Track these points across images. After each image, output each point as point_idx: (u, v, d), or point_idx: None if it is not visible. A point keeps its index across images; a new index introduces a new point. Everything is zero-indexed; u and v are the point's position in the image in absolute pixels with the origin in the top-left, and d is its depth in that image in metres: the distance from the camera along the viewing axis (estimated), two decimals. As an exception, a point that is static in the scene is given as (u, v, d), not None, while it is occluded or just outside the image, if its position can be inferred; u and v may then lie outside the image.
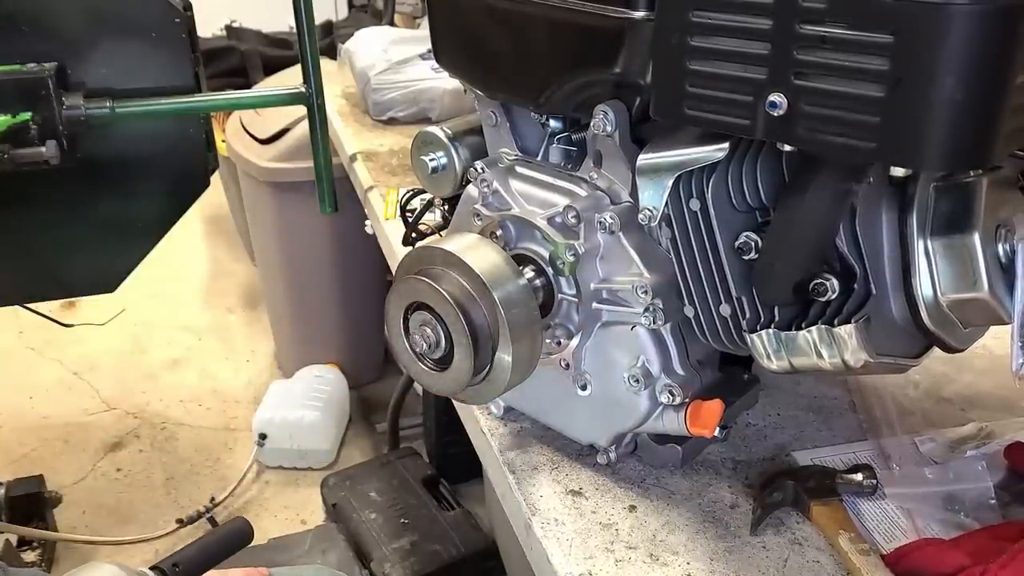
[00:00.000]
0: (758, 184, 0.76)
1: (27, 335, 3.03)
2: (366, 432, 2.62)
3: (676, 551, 0.82)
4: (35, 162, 1.41)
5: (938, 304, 0.73)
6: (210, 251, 3.64)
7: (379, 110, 1.97)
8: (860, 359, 0.72)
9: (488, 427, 0.98)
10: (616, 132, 0.80)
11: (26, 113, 1.40)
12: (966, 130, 0.59)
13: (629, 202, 0.83)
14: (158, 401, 2.77)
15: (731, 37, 0.65)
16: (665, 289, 0.82)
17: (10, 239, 1.62)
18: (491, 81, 0.91)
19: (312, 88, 1.60)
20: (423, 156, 1.00)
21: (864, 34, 0.59)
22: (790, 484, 0.87)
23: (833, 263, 0.75)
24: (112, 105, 1.47)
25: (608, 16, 0.74)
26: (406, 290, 0.81)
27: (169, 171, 1.65)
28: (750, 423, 1.01)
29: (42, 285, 1.74)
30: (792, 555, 0.82)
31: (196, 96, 1.56)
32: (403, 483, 2.16)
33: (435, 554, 1.93)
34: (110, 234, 1.65)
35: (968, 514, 0.85)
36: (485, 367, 0.80)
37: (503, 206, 0.90)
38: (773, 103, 0.64)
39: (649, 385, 0.84)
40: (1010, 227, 0.71)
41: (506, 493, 0.92)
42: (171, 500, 2.37)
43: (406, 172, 1.68)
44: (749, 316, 0.78)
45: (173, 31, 1.51)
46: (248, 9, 3.41)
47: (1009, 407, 1.02)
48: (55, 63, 1.43)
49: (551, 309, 0.87)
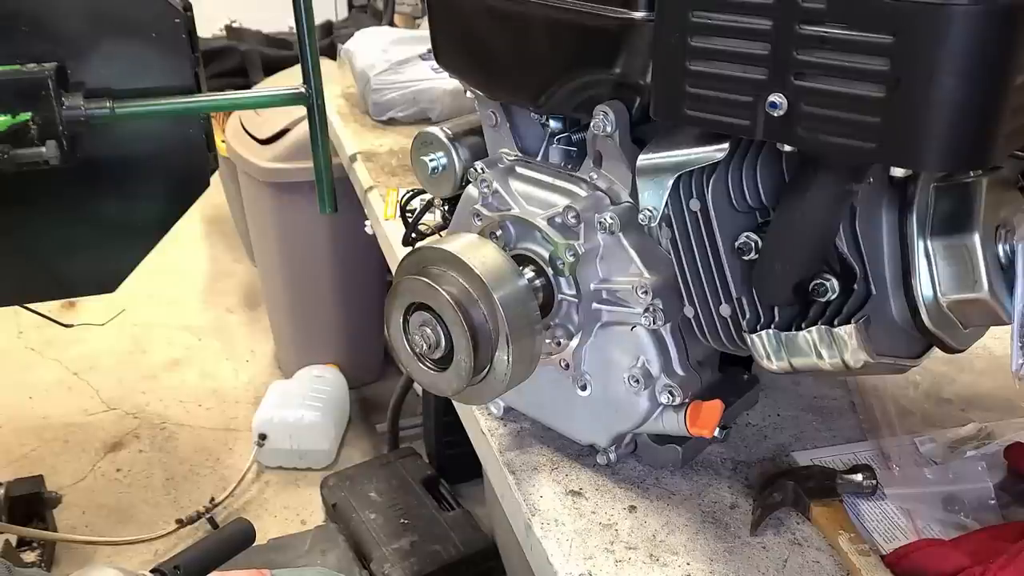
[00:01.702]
0: (758, 184, 0.76)
1: (27, 335, 3.04)
2: (366, 432, 2.62)
3: (676, 551, 0.82)
4: (35, 162, 1.41)
5: (938, 305, 0.73)
6: (210, 251, 3.64)
7: (379, 110, 1.97)
8: (860, 359, 0.72)
9: (488, 427, 0.98)
10: (616, 132, 0.80)
11: (26, 113, 1.40)
12: (966, 131, 0.59)
13: (629, 202, 0.83)
14: (158, 401, 2.77)
15: (731, 37, 0.65)
16: (665, 289, 0.82)
17: (10, 239, 1.62)
18: (491, 81, 0.91)
19: (312, 88, 1.60)
20: (423, 156, 1.00)
21: (864, 34, 0.59)
22: (790, 484, 0.87)
23: (833, 263, 0.75)
24: (112, 105, 1.47)
25: (608, 16, 0.74)
26: (406, 290, 0.81)
27: (169, 171, 1.65)
28: (750, 423, 1.01)
29: (42, 285, 1.73)
30: (792, 555, 0.82)
31: (196, 96, 1.56)
32: (403, 483, 2.16)
33: (435, 554, 1.93)
34: (110, 234, 1.65)
35: (968, 515, 0.85)
36: (485, 367, 0.80)
37: (503, 206, 0.90)
38: (773, 103, 0.64)
39: (649, 385, 0.84)
40: (1010, 227, 0.71)
41: (506, 493, 0.92)
42: (171, 500, 2.37)
43: (406, 172, 1.68)
44: (749, 316, 0.78)
45: (173, 31, 1.51)
46: (248, 9, 3.41)
47: (1009, 407, 1.02)
48: (55, 63, 1.43)
49: (551, 309, 0.87)
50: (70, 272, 1.71)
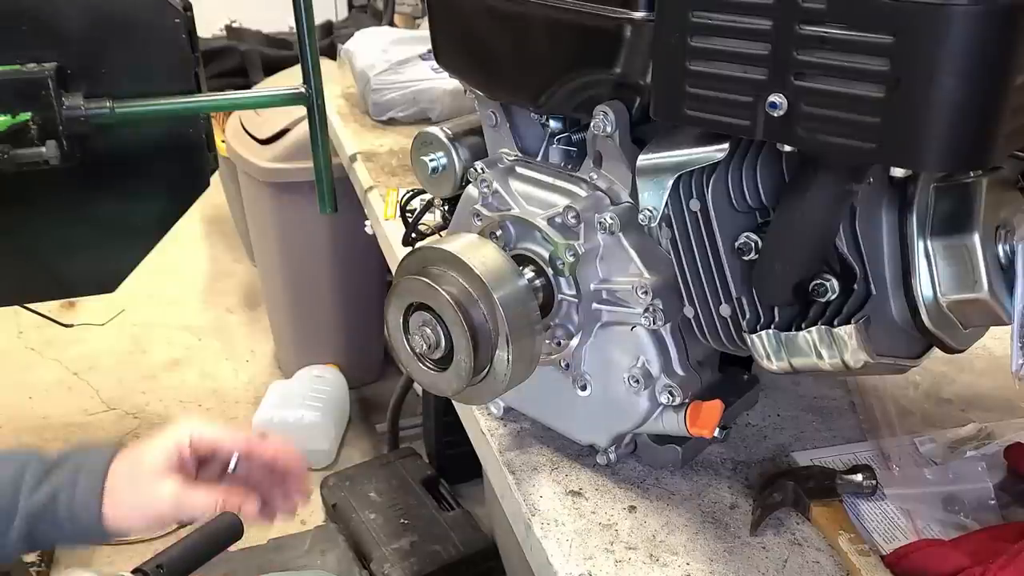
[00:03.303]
0: (758, 184, 0.76)
1: (27, 335, 3.03)
2: (366, 432, 2.62)
3: (676, 552, 0.82)
4: (35, 162, 1.41)
5: (938, 305, 0.73)
6: (210, 251, 3.64)
7: (379, 110, 1.97)
8: (860, 360, 0.72)
9: (488, 427, 0.98)
10: (616, 132, 0.80)
11: (26, 113, 1.40)
12: (966, 131, 0.59)
13: (629, 202, 0.83)
14: (158, 401, 2.77)
15: (731, 38, 0.65)
16: (665, 289, 0.82)
17: (10, 239, 1.62)
18: (491, 81, 0.91)
19: (312, 88, 1.60)
20: (423, 156, 1.00)
21: (864, 35, 0.58)
22: (790, 485, 0.87)
23: (833, 264, 0.75)
24: (112, 105, 1.47)
25: (608, 16, 0.74)
26: (406, 290, 0.81)
27: (169, 171, 1.65)
28: (750, 423, 1.01)
29: (42, 285, 1.74)
30: (792, 556, 0.82)
31: (196, 96, 1.56)
32: (403, 483, 2.16)
33: (435, 554, 1.93)
34: (110, 234, 1.65)
35: (968, 515, 0.85)
36: (485, 367, 0.80)
37: (503, 206, 0.90)
38: (773, 104, 0.64)
39: (649, 385, 0.84)
40: (1010, 228, 0.71)
41: (506, 493, 0.92)
42: (171, 500, 2.36)
43: (406, 172, 1.68)
44: (749, 316, 0.78)
45: (173, 31, 1.51)
46: (248, 9, 3.41)
47: (1009, 407, 1.02)
48: (55, 63, 1.43)
49: (551, 309, 0.87)
50: (70, 272, 1.71)
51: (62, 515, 0.87)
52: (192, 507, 0.87)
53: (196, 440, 0.91)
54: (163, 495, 0.86)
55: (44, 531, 0.86)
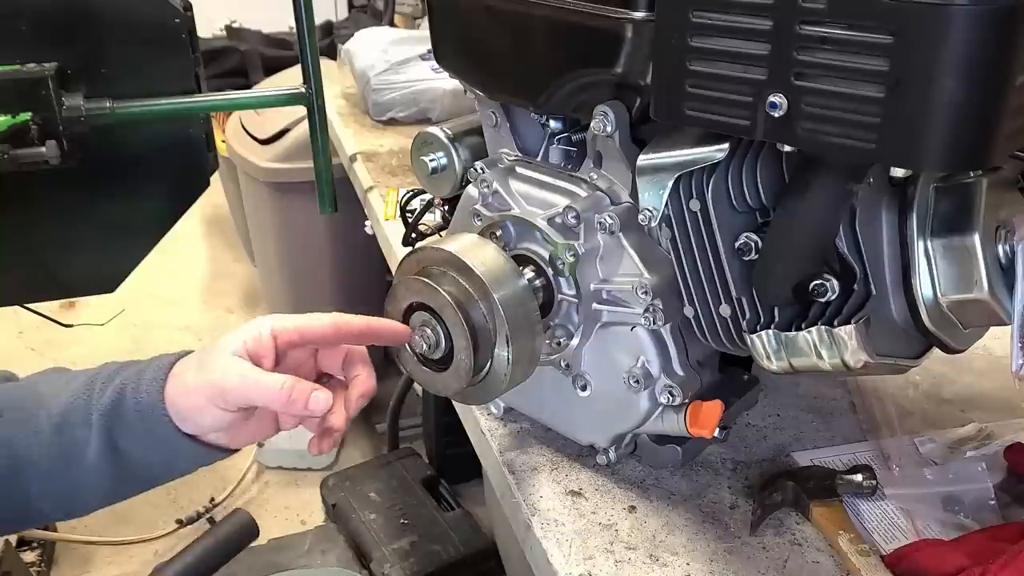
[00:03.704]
0: (758, 185, 0.76)
1: (27, 335, 3.03)
2: (366, 432, 2.62)
3: (676, 552, 0.82)
4: (35, 162, 1.41)
5: (938, 305, 0.73)
6: (210, 251, 3.63)
7: (379, 111, 1.97)
8: (860, 360, 0.72)
9: (488, 428, 0.98)
10: (616, 133, 0.80)
11: (26, 113, 1.40)
12: (966, 131, 0.59)
13: (629, 202, 0.83)
14: (158, 401, 2.76)
15: (731, 37, 0.65)
16: (665, 289, 0.82)
17: (10, 239, 1.62)
18: (491, 82, 0.91)
19: (312, 88, 1.60)
20: (423, 156, 1.00)
21: (864, 34, 0.58)
22: (790, 485, 0.87)
23: (833, 264, 0.75)
24: (112, 105, 1.47)
25: (608, 16, 0.74)
26: (406, 290, 0.81)
27: (169, 171, 1.64)
28: (750, 424, 1.01)
29: (42, 285, 1.73)
30: (792, 556, 0.82)
31: (196, 96, 1.56)
32: (403, 483, 2.15)
33: (435, 554, 1.93)
34: (110, 234, 1.65)
35: (968, 515, 0.85)
36: (485, 367, 0.80)
37: (503, 206, 0.90)
38: (773, 103, 0.64)
39: (649, 386, 0.84)
40: (1010, 228, 0.71)
41: (506, 493, 0.92)
42: (170, 500, 2.36)
43: (406, 172, 1.68)
44: (749, 317, 0.78)
45: (173, 31, 1.51)
46: (248, 9, 3.41)
47: (1009, 408, 1.02)
48: (55, 63, 1.43)
49: (551, 310, 0.87)
50: (70, 272, 1.70)
51: (129, 407, 0.79)
52: (258, 384, 0.76)
53: (278, 330, 0.79)
54: (229, 369, 0.77)
55: (120, 436, 0.79)
